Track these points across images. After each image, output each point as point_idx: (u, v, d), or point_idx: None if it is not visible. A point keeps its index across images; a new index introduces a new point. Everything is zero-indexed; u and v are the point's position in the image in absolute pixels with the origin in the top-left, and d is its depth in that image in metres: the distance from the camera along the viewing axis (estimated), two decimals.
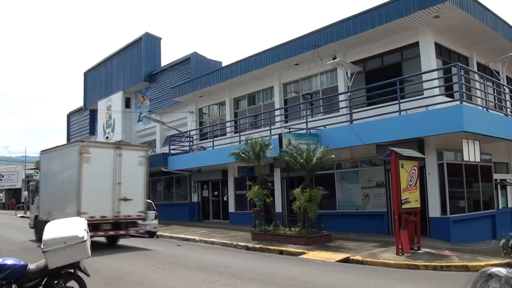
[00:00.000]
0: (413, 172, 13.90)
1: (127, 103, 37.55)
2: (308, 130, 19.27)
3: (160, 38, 36.27)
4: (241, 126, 25.55)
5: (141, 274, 10.25)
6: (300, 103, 22.55)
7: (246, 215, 22.18)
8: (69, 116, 48.75)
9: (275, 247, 15.33)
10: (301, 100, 22.69)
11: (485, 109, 16.79)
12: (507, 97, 19.83)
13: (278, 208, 21.28)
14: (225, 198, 27.14)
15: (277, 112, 23.03)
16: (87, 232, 6.62)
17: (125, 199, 15.66)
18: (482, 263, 11.63)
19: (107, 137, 38.14)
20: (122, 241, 17.58)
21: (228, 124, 26.89)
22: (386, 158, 15.03)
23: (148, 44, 35.11)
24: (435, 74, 16.74)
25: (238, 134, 23.86)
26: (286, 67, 22.68)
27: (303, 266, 11.97)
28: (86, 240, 6.44)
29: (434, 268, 11.52)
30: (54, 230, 6.54)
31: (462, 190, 17.23)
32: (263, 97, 25.40)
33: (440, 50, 18.18)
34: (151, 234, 20.74)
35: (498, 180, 20.09)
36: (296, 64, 22.03)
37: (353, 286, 9.31)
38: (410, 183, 13.76)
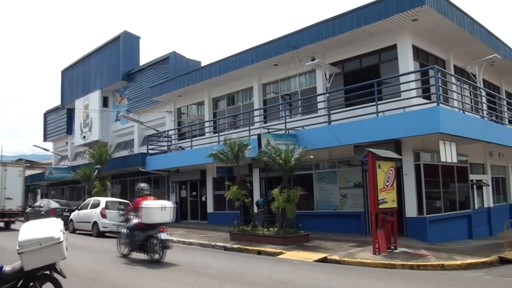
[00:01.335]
0: (390, 173, 14.06)
1: (105, 102, 37.15)
2: (287, 131, 19.33)
3: (139, 37, 36.05)
4: (220, 126, 25.49)
5: (118, 275, 10.15)
6: (279, 104, 22.62)
7: (224, 216, 22.14)
8: (46, 115, 48.00)
9: (253, 248, 15.34)
10: (280, 100, 22.76)
11: (461, 111, 17.06)
12: (483, 99, 20.18)
13: (257, 208, 21.28)
14: (203, 199, 27.04)
15: (256, 113, 23.04)
16: (63, 233, 6.51)
17: (8, 198, 23.02)
18: (458, 262, 11.85)
19: (84, 137, 37.73)
20: (96, 242, 17.36)
21: (207, 124, 26.79)
22: (364, 159, 15.15)
23: (126, 43, 34.83)
24: (412, 76, 16.97)
25: (217, 134, 23.80)
26: (265, 68, 22.71)
27: (281, 266, 12.00)
28: (62, 241, 6.32)
29: (411, 267, 11.66)
30: (29, 231, 6.41)
31: (439, 190, 17.47)
32: (242, 98, 25.40)
33: (418, 53, 18.42)
34: None
35: (474, 181, 20.42)
36: (276, 65, 22.08)
37: (331, 285, 9.36)
38: (387, 184, 13.91)
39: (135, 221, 12.86)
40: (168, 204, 13.07)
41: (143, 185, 13.49)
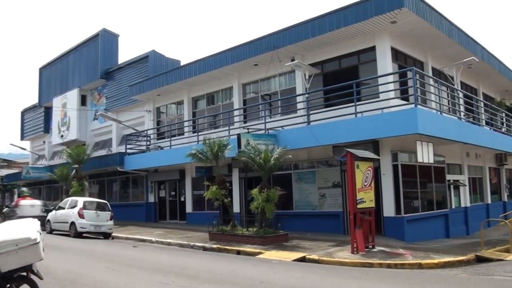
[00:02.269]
0: (368, 173, 14.18)
1: (83, 101, 36.72)
2: (267, 131, 19.36)
3: (118, 35, 35.73)
4: (200, 126, 25.40)
5: (96, 277, 10.04)
6: (259, 104, 22.63)
7: (203, 216, 22.07)
8: (23, 113, 47.25)
9: (232, 247, 15.33)
10: (260, 100, 22.77)
11: (439, 112, 17.29)
12: (461, 101, 20.50)
13: (236, 208, 21.29)
14: (182, 199, 26.90)
15: (236, 112, 23.02)
16: (40, 234, 6.43)
17: None
18: (436, 261, 12.02)
19: (62, 136, 37.26)
20: (73, 243, 17.21)
21: (186, 124, 26.67)
22: (342, 159, 15.27)
23: (105, 41, 34.48)
24: (391, 78, 17.16)
25: (196, 134, 23.71)
26: (245, 68, 22.70)
27: (260, 266, 12.01)
28: (39, 242, 6.24)
29: (388, 266, 11.79)
30: (6, 232, 6.31)
31: (416, 190, 17.68)
32: (222, 97, 25.35)
33: (396, 55, 18.61)
34: (106, 236, 20.38)
35: (451, 181, 20.71)
36: (256, 65, 22.08)
37: (309, 285, 9.39)
38: (365, 184, 14.03)
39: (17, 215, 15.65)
40: (38, 202, 20.89)
41: (23, 189, 17.04)
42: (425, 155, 15.76)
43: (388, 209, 16.83)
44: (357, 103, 16.67)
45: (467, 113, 20.98)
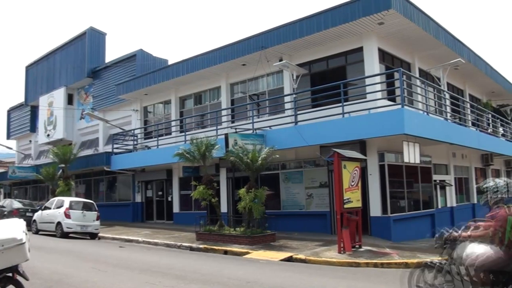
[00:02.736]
0: (355, 173, 14.25)
1: (70, 100, 36.38)
2: (254, 131, 19.36)
3: (105, 34, 35.41)
4: (187, 125, 25.32)
5: (82, 277, 9.97)
6: (247, 104, 22.63)
7: (190, 216, 22.03)
8: (9, 112, 46.68)
9: (219, 247, 15.31)
10: (248, 100, 22.77)
11: (425, 113, 17.43)
12: (447, 102, 20.69)
13: (224, 208, 21.25)
14: (169, 198, 26.81)
15: (223, 112, 22.99)
16: (26, 234, 6.37)
17: None
18: (421, 260, 12.07)
19: (48, 135, 36.93)
20: (60, 243, 17.08)
21: (173, 123, 26.58)
22: (329, 159, 15.32)
23: (92, 39, 34.19)
24: (378, 79, 17.26)
25: (183, 134, 23.63)
26: (233, 67, 22.68)
27: (247, 266, 12.01)
28: (24, 243, 6.17)
29: (375, 265, 11.86)
30: None
31: (403, 190, 17.81)
32: (210, 97, 25.31)
33: (384, 56, 18.72)
34: (93, 236, 20.25)
35: (438, 181, 20.90)
36: (244, 65, 22.07)
37: (296, 284, 9.42)
38: (352, 184, 14.10)
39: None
40: None
41: None
42: (411, 155, 15.88)
43: (375, 209, 16.93)
44: (344, 103, 16.73)
45: (453, 114, 21.17)
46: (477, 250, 6.23)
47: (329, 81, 17.96)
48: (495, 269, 6.08)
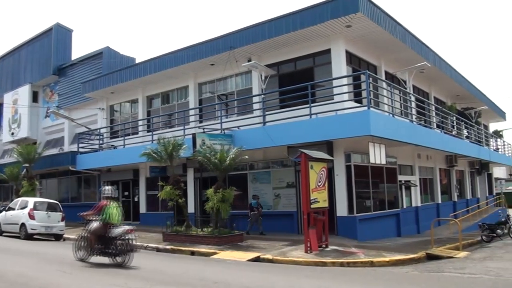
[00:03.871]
0: (322, 173, 14.39)
1: (35, 98, 35.52)
2: (223, 131, 19.33)
3: (72, 30, 34.73)
4: (154, 125, 25.08)
5: (47, 279, 9.76)
6: (215, 104, 22.57)
7: (158, 216, 21.84)
8: None
9: (186, 248, 15.24)
10: (216, 100, 22.71)
11: (391, 115, 17.73)
12: (413, 104, 21.08)
13: (191, 208, 21.17)
14: (136, 199, 26.51)
15: (191, 112, 22.88)
16: None
17: None
18: (387, 259, 12.32)
19: (12, 133, 36.02)
20: (24, 245, 16.69)
21: (140, 123, 26.28)
22: (297, 160, 15.42)
23: (58, 36, 33.46)
24: (345, 81, 17.47)
25: (151, 133, 23.40)
26: (201, 67, 22.58)
27: (214, 266, 12.00)
28: None
29: (341, 264, 12.01)
30: None
31: (369, 190, 18.08)
32: (178, 96, 25.14)
33: (351, 58, 18.96)
34: (58, 237, 19.82)
35: (403, 182, 21.30)
36: (212, 65, 22.00)
37: (263, 284, 9.45)
38: (319, 184, 14.23)
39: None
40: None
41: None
42: (377, 156, 16.15)
43: (341, 209, 17.13)
44: (312, 104, 16.89)
45: (419, 116, 21.59)
46: None
47: (297, 82, 18.09)
48: None
